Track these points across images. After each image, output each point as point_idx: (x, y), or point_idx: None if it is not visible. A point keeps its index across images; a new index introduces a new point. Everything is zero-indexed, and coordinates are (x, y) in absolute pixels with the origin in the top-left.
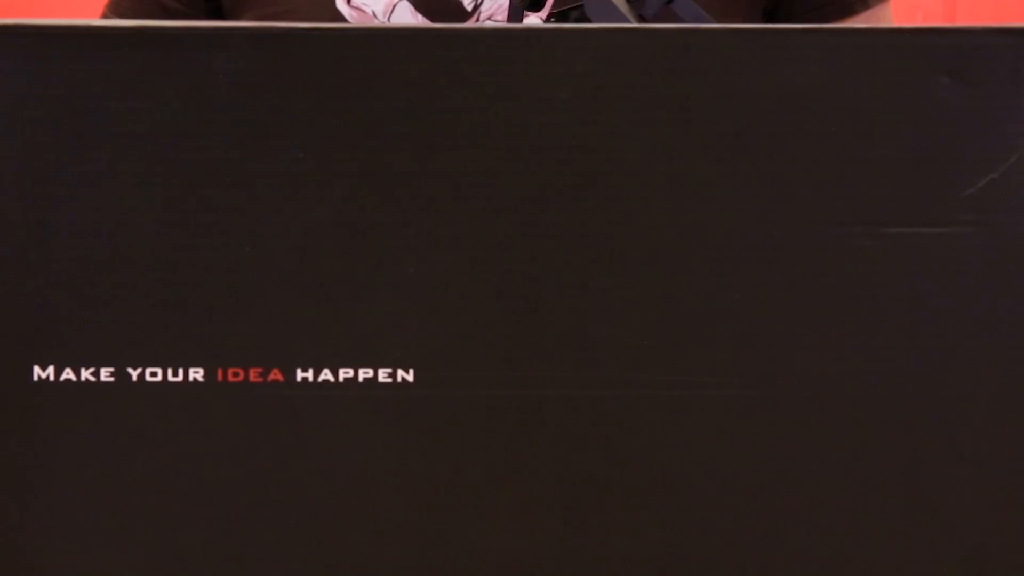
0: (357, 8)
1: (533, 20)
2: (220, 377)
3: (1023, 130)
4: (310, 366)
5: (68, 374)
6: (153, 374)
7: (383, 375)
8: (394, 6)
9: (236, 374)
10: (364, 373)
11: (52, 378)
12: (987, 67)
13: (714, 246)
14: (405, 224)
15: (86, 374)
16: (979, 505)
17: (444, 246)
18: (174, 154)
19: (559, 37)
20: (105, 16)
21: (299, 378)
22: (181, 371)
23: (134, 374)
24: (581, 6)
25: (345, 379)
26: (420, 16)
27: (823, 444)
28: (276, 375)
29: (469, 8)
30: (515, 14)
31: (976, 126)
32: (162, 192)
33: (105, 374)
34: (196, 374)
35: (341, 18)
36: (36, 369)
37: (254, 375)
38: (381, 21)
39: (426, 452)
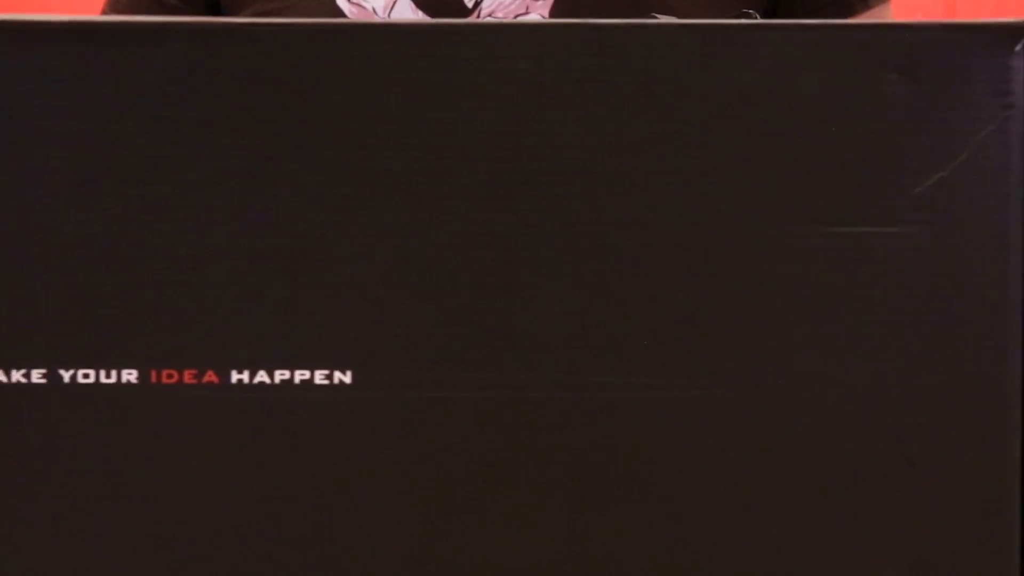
0: (357, 4)
1: (534, 18)
2: (154, 379)
3: (972, 128)
4: (245, 367)
5: None
6: (86, 376)
7: (320, 377)
8: (394, 3)
9: (170, 375)
10: (300, 375)
11: None
12: (937, 64)
13: (660, 245)
14: (343, 223)
15: (17, 375)
16: (926, 508)
17: (384, 246)
18: (107, 152)
19: (501, 33)
20: (104, 14)
21: (234, 380)
22: (114, 372)
23: (66, 376)
24: None
25: (281, 381)
26: (420, 13)
27: (769, 445)
28: (211, 376)
29: (470, 5)
30: None
31: (925, 124)
32: (96, 190)
33: (36, 376)
34: (129, 376)
35: (341, 14)
36: None
37: (188, 376)
38: (381, 18)
39: (363, 454)
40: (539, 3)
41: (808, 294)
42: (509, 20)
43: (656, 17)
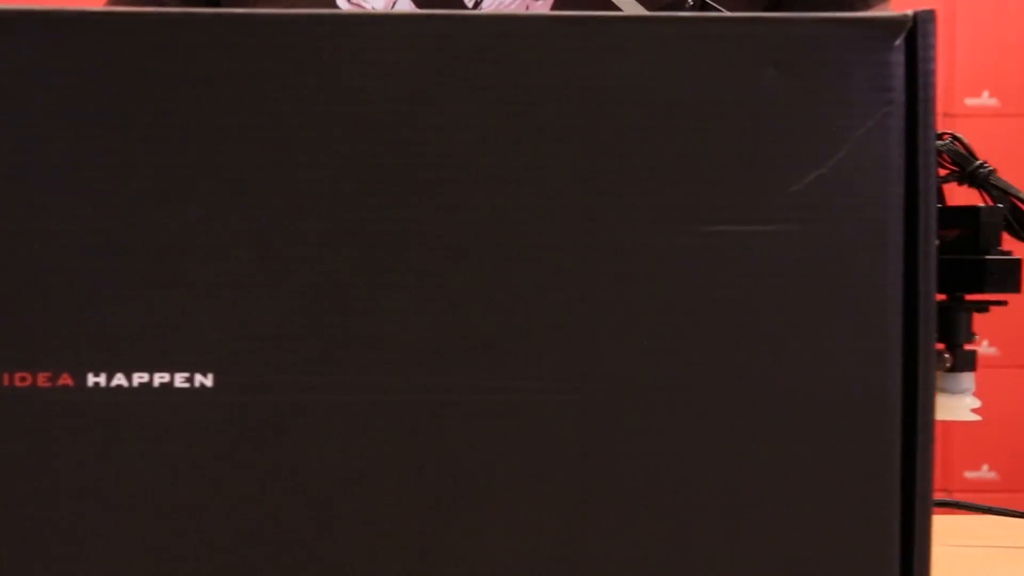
0: (357, 4)
1: (540, 7)
2: (7, 382)
3: (851, 124)
4: (102, 370)
5: None
6: None
7: (180, 380)
8: (394, 3)
9: (23, 379)
10: (160, 378)
11: None
12: (815, 59)
13: (534, 244)
14: (204, 222)
15: None
16: (805, 511)
17: (245, 245)
18: None
19: (369, 24)
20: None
21: (90, 383)
22: None
23: None
24: None
25: (139, 384)
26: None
27: (644, 449)
28: (66, 380)
29: (470, 5)
30: None
31: (803, 120)
32: None
33: None
34: None
35: None
36: None
37: (42, 380)
38: None
39: (226, 459)
40: (539, 3)
41: (684, 294)
42: (379, 11)
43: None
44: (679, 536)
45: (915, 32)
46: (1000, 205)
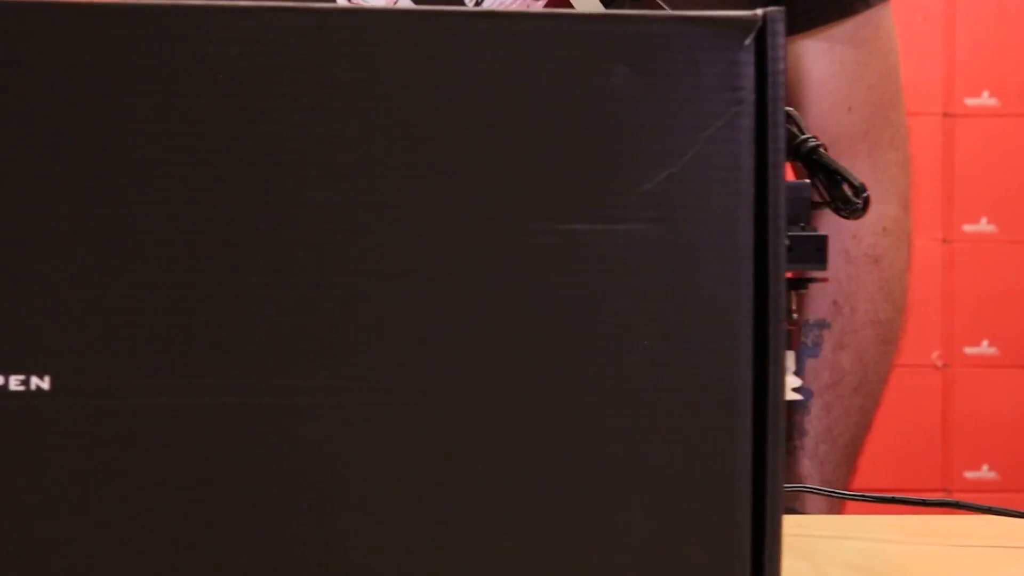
0: (357, 4)
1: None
2: None
3: (702, 123)
4: None
5: None
6: None
7: (15, 383)
8: (395, 3)
9: None
10: None
11: None
12: (666, 57)
13: (385, 242)
14: (40, 218)
15: None
16: (657, 512)
17: (85, 241)
18: None
19: (212, 14)
20: None
21: None
22: None
23: None
24: None
25: None
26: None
27: (494, 449)
28: None
29: (470, 5)
30: None
31: (655, 118)
32: None
33: None
34: None
35: None
36: None
37: None
38: None
39: (64, 466)
40: (538, 3)
41: (534, 293)
42: (224, 2)
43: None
44: (527, 537)
45: (764, 31)
46: (807, 180)
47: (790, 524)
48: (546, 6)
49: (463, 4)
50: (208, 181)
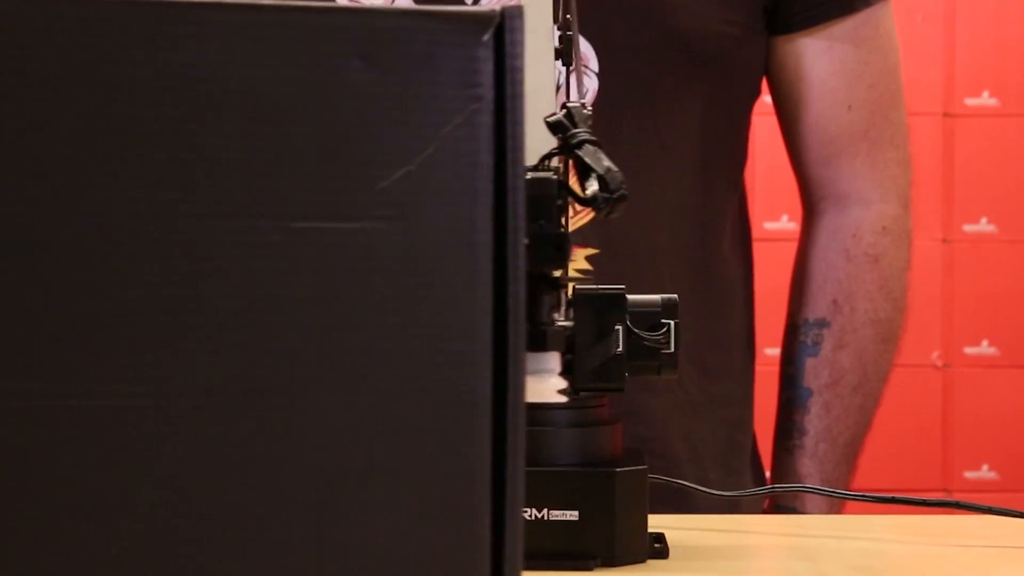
0: (356, 3)
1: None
2: None
3: (440, 120)
4: None
5: None
6: None
7: None
8: (393, 2)
9: None
10: None
11: None
12: (403, 53)
13: (106, 241)
14: None
15: None
16: (396, 515)
17: None
18: None
19: None
20: None
21: None
22: None
23: None
24: None
25: None
26: None
27: (228, 451)
28: None
29: (469, 3)
30: None
31: (392, 115)
32: None
33: None
34: None
35: None
36: None
37: None
38: None
39: None
40: None
41: (270, 292)
42: None
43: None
44: (267, 542)
45: (503, 28)
46: (551, 176)
47: (790, 524)
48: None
49: (462, 4)
50: None
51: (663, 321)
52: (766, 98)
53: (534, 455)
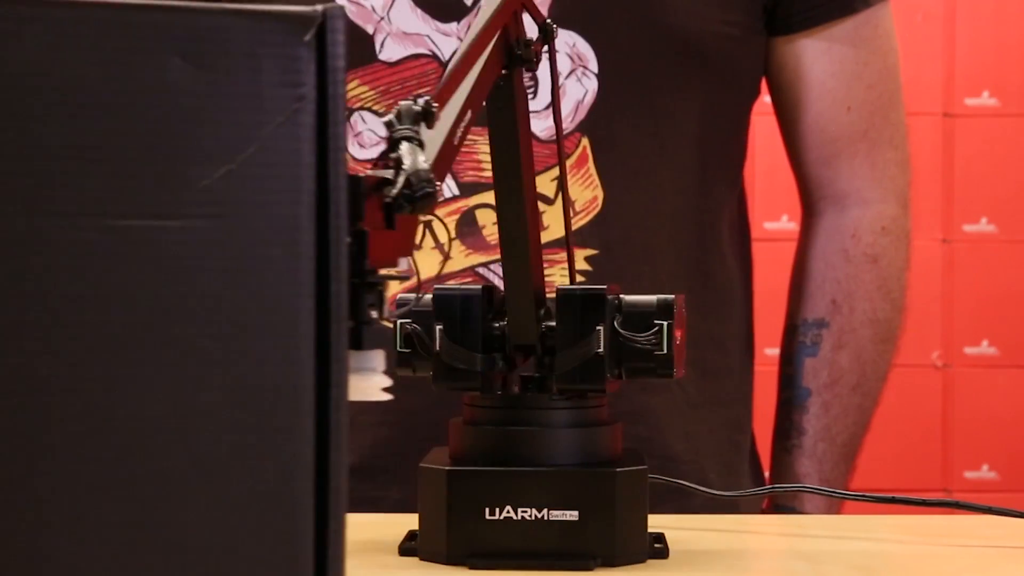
0: (356, 3)
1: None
2: None
3: (262, 119)
4: None
5: None
6: None
7: None
8: (393, 1)
9: None
10: None
11: None
12: (224, 51)
13: None
14: None
15: None
16: (218, 516)
17: None
18: None
19: None
20: None
21: None
22: None
23: None
24: None
25: None
26: (419, 10)
27: (45, 453)
28: None
29: (469, 3)
30: None
31: (213, 113)
32: None
33: None
34: None
35: None
36: None
37: None
38: (380, 16)
39: None
40: (538, 1)
41: (90, 291)
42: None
43: None
44: (85, 540)
45: (325, 28)
46: (361, 174)
47: (790, 524)
48: (551, 6)
49: (461, 3)
50: None
51: (655, 322)
52: (766, 98)
53: (534, 455)
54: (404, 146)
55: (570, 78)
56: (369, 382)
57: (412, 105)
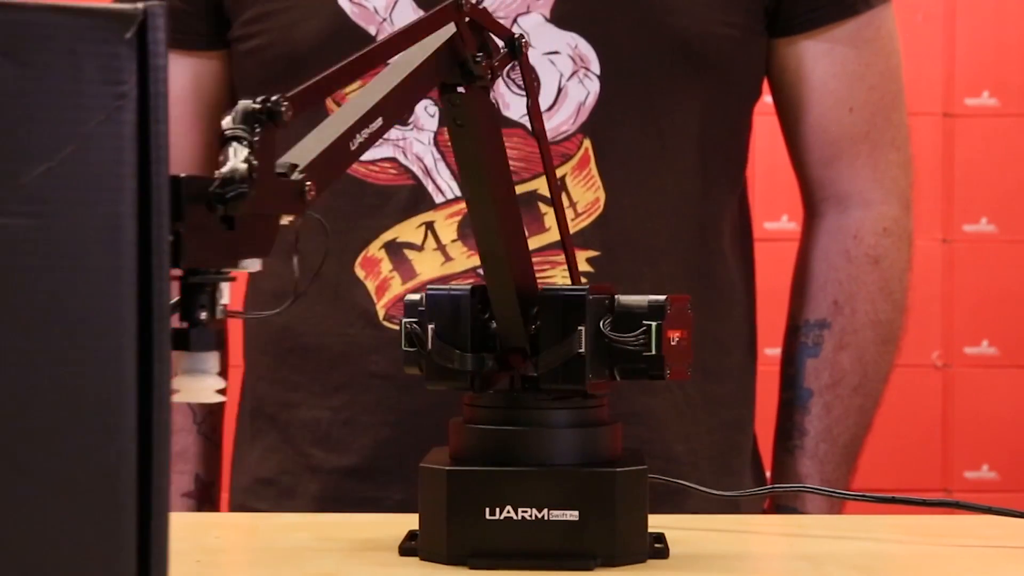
0: (358, 4)
1: (535, 17)
2: None
3: (82, 117)
4: None
5: None
6: None
7: None
8: (396, 2)
9: None
10: None
11: None
12: (44, 48)
13: None
14: None
15: None
16: (39, 517)
17: None
18: None
19: None
20: None
21: None
22: None
23: None
24: None
25: None
26: (422, 11)
27: None
28: None
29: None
30: None
31: (32, 110)
32: None
33: None
34: None
35: (341, 12)
36: None
37: None
38: (382, 17)
39: None
40: (540, 2)
41: None
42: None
43: None
44: None
45: (146, 26)
46: (179, 176)
47: (790, 524)
48: (552, 7)
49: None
50: None
51: (644, 323)
52: (767, 98)
53: (534, 455)
54: (232, 146)
55: (572, 80)
56: (202, 384)
57: (250, 104)
